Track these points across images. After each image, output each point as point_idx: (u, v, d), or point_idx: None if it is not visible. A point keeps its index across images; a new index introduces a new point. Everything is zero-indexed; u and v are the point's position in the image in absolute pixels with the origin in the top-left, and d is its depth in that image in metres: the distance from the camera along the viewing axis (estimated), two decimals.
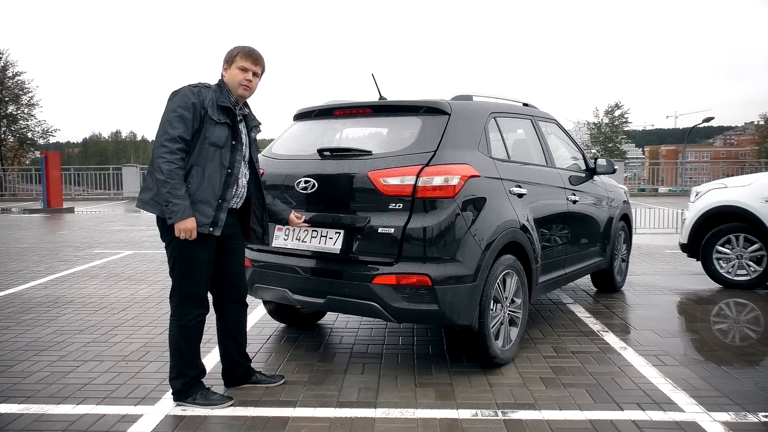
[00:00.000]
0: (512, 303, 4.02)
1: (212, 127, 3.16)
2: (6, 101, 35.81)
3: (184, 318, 3.24)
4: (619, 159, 33.79)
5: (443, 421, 3.09)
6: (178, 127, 3.06)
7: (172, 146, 3.03)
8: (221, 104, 3.20)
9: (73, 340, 4.51)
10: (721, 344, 4.44)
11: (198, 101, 3.12)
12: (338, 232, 3.73)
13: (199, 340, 3.34)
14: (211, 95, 3.19)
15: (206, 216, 3.14)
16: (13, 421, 3.11)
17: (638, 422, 3.07)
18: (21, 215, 16.53)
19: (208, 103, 3.16)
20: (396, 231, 3.52)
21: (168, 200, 3.01)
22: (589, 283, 6.37)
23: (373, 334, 4.66)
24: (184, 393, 3.28)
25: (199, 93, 3.15)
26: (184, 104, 3.09)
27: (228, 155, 3.22)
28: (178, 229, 3.06)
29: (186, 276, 3.21)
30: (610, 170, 5.59)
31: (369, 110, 4.16)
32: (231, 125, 3.25)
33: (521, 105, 5.05)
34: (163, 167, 3.00)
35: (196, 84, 3.22)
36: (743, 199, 6.24)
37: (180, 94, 3.13)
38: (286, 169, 4.04)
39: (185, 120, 3.08)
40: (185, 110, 3.09)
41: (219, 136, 3.18)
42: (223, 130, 3.20)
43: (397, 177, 3.57)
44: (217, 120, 3.17)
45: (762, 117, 62.85)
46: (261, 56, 3.33)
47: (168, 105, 3.13)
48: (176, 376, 3.29)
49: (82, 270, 7.53)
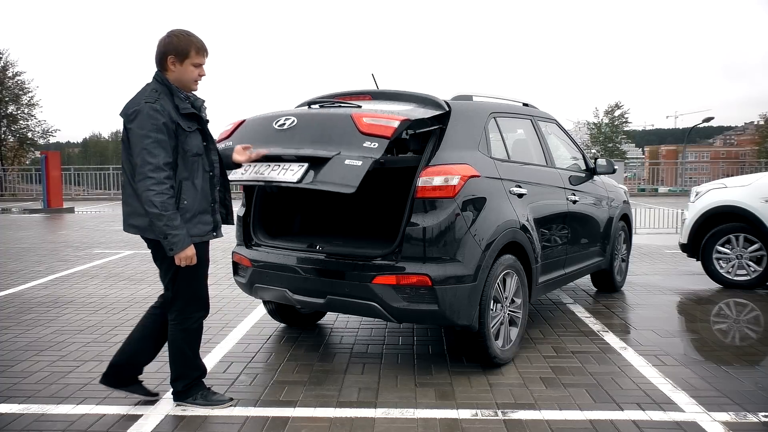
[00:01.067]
0: (512, 303, 4.02)
1: (187, 139, 3.04)
2: (6, 101, 35.80)
3: (187, 321, 3.22)
4: (619, 159, 33.80)
5: (443, 421, 3.09)
6: (159, 154, 2.91)
7: (159, 176, 2.90)
8: (185, 112, 3.05)
9: (73, 340, 4.51)
10: (721, 344, 4.44)
11: (167, 119, 2.95)
12: (302, 165, 3.50)
13: (200, 340, 3.34)
14: (169, 105, 3.01)
15: (208, 224, 3.15)
16: (13, 421, 3.11)
17: (638, 422, 3.07)
18: (21, 215, 16.53)
19: (174, 115, 3.00)
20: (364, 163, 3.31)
21: (166, 233, 2.93)
22: (589, 283, 6.37)
23: (373, 334, 4.66)
24: (185, 393, 3.28)
25: (162, 109, 2.96)
26: (155, 127, 2.91)
27: (207, 159, 3.16)
28: (179, 259, 3.01)
29: (190, 282, 3.17)
30: (610, 170, 5.60)
31: (368, 96, 4.25)
32: (201, 128, 3.15)
33: (521, 105, 5.05)
34: (155, 200, 2.89)
35: (150, 97, 2.99)
36: (743, 199, 6.23)
37: (144, 115, 2.92)
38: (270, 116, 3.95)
39: (162, 144, 2.92)
40: (159, 133, 2.92)
41: (196, 144, 3.09)
42: (197, 136, 3.11)
43: (381, 119, 3.46)
44: (188, 129, 3.05)
45: (762, 117, 62.79)
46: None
47: (135, 131, 2.92)
48: (177, 378, 3.28)
49: (82, 270, 7.53)
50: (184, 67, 3.07)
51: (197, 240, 3.09)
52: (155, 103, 2.96)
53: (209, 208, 3.16)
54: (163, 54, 3.06)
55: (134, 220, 3.10)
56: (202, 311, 3.28)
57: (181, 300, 3.20)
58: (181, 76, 3.08)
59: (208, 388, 3.35)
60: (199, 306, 3.25)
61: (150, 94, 3.01)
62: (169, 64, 3.06)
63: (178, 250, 2.97)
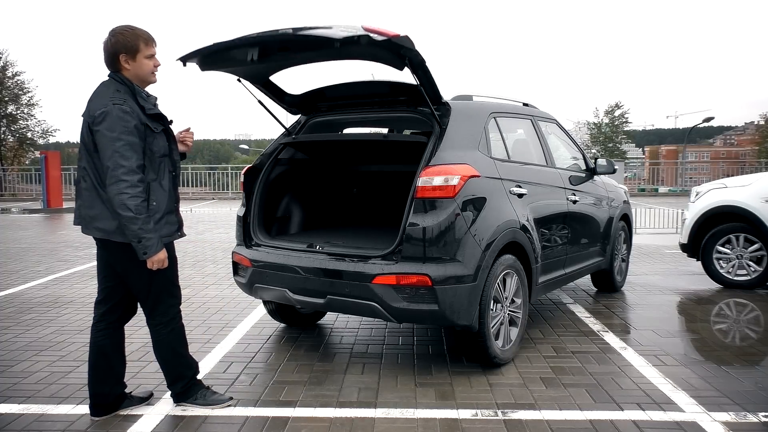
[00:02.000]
0: (512, 303, 4.02)
1: (155, 140, 3.01)
2: (6, 101, 35.77)
3: (172, 322, 3.22)
4: (619, 159, 33.83)
5: (443, 421, 3.09)
6: (131, 157, 2.86)
7: (132, 179, 2.85)
8: (151, 113, 3.02)
9: (73, 340, 4.50)
10: (721, 344, 4.44)
11: (137, 120, 2.91)
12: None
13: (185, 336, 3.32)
14: (135, 106, 2.96)
15: (174, 224, 3.13)
16: (13, 421, 3.12)
17: (638, 422, 3.07)
18: (21, 215, 16.53)
19: (142, 116, 2.96)
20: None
21: (140, 237, 2.89)
22: (589, 283, 6.37)
23: (373, 334, 4.66)
24: (184, 394, 3.28)
25: (132, 110, 2.91)
26: (126, 129, 2.86)
27: (170, 159, 3.14)
28: (152, 263, 2.97)
29: (167, 282, 3.16)
30: (610, 170, 5.60)
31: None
32: (165, 129, 3.12)
33: (521, 105, 5.05)
34: (129, 203, 2.84)
35: (118, 98, 2.92)
36: (743, 199, 6.23)
37: (114, 117, 2.86)
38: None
39: (134, 146, 2.88)
40: (130, 135, 2.87)
41: (163, 145, 3.07)
42: (163, 137, 3.08)
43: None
44: (155, 129, 3.02)
45: (762, 117, 62.70)
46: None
47: (105, 133, 2.85)
48: (175, 381, 3.28)
49: (82, 270, 7.53)
50: (138, 62, 3.01)
51: (166, 240, 3.06)
52: (124, 105, 2.90)
53: (174, 207, 3.14)
54: (113, 54, 2.99)
55: (101, 224, 3.00)
56: (179, 306, 3.26)
57: (163, 303, 3.17)
58: (138, 72, 3.02)
59: (208, 387, 3.35)
60: (176, 302, 3.24)
61: (114, 95, 2.93)
62: (122, 62, 2.99)
63: (152, 254, 2.94)
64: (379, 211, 5.17)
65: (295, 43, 3.48)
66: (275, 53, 3.50)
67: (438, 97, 3.82)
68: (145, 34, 3.04)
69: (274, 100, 4.43)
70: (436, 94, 3.78)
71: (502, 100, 4.78)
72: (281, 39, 3.44)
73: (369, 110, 4.36)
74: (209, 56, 3.64)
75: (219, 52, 3.60)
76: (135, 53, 2.98)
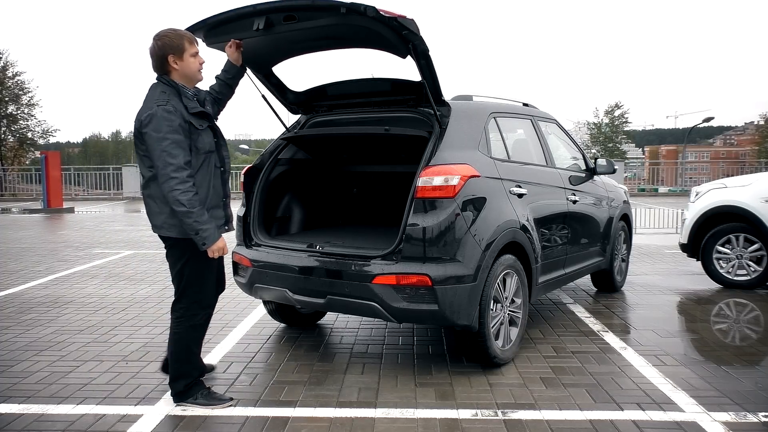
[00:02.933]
0: (512, 303, 4.02)
1: (199, 137, 3.14)
2: (6, 101, 35.77)
3: (194, 318, 3.27)
4: (619, 159, 33.80)
5: (443, 421, 3.09)
6: (178, 154, 2.99)
7: (181, 175, 2.99)
8: (195, 111, 3.13)
9: (73, 340, 4.51)
10: (721, 344, 4.44)
11: (180, 119, 3.04)
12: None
13: (203, 338, 3.39)
14: (179, 105, 3.08)
15: (220, 219, 3.28)
16: (13, 421, 3.12)
17: (638, 422, 3.07)
18: (21, 215, 16.52)
19: (186, 114, 3.08)
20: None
21: (196, 229, 3.03)
22: (589, 283, 6.37)
23: (373, 334, 4.66)
24: (185, 393, 3.29)
25: (175, 109, 3.03)
26: (171, 128, 2.99)
27: (218, 155, 3.26)
28: (212, 252, 3.11)
29: (199, 277, 3.24)
30: (610, 170, 5.60)
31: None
32: (211, 125, 3.25)
33: (521, 105, 5.05)
34: (182, 199, 2.98)
35: (162, 99, 3.06)
36: (743, 199, 6.23)
37: (159, 118, 2.99)
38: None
39: (181, 144, 3.01)
40: (176, 134, 3.00)
41: (208, 142, 3.19)
42: (208, 134, 3.21)
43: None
44: (199, 127, 3.14)
45: (762, 117, 62.72)
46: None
47: (151, 134, 2.99)
48: (178, 377, 3.30)
49: (82, 270, 7.53)
50: (185, 61, 3.15)
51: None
52: (167, 105, 3.03)
53: (221, 203, 3.28)
54: (162, 57, 3.12)
55: (154, 220, 3.22)
56: (209, 309, 3.36)
57: (189, 297, 3.25)
58: (186, 70, 3.17)
59: (209, 388, 3.36)
60: (205, 304, 3.32)
61: (159, 97, 3.07)
62: (171, 63, 3.13)
63: (210, 243, 3.08)
64: (379, 211, 5.17)
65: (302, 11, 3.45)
66: (281, 23, 3.49)
67: (440, 94, 3.82)
68: (187, 34, 3.21)
69: (277, 96, 4.43)
70: (438, 91, 3.78)
71: (502, 100, 4.78)
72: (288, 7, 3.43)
73: (369, 110, 4.36)
74: (215, 27, 3.62)
75: (225, 23, 3.59)
76: (182, 53, 3.13)
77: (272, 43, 3.83)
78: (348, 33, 3.62)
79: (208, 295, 3.32)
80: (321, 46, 4.07)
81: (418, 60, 3.54)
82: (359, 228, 5.05)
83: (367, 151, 4.86)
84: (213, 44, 3.71)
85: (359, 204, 5.29)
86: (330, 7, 3.31)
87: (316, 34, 3.68)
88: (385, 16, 3.21)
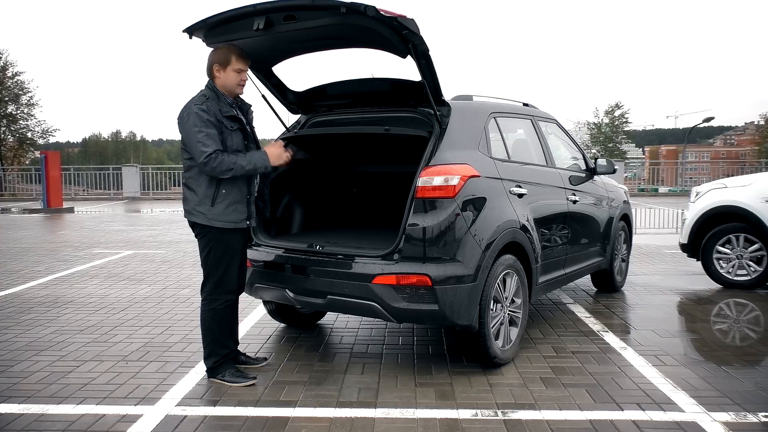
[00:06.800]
0: (512, 303, 4.02)
1: (229, 137, 3.46)
2: (6, 101, 35.77)
3: (214, 302, 3.56)
4: (619, 159, 33.78)
5: (443, 421, 3.09)
6: (210, 144, 3.33)
7: (216, 156, 3.32)
8: (227, 114, 3.46)
9: (73, 340, 4.51)
10: (721, 344, 4.44)
11: (213, 117, 3.38)
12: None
13: (230, 321, 3.66)
14: (215, 107, 3.42)
15: (242, 213, 3.54)
16: (13, 421, 3.11)
17: (638, 422, 3.07)
18: (21, 215, 16.53)
19: (219, 116, 3.41)
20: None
21: (254, 168, 3.46)
22: (589, 283, 6.37)
23: (373, 334, 4.66)
24: (215, 370, 3.60)
25: (209, 109, 3.38)
26: (204, 123, 3.35)
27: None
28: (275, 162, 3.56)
29: (219, 264, 3.52)
30: (610, 170, 5.60)
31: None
32: (242, 128, 3.53)
33: (521, 105, 5.05)
34: (223, 168, 3.34)
35: (199, 100, 3.43)
36: (743, 199, 6.23)
37: (194, 115, 3.36)
38: None
39: (212, 136, 3.35)
40: (207, 128, 3.35)
41: (237, 142, 3.50)
42: (238, 135, 3.51)
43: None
44: (230, 128, 3.46)
45: (762, 117, 62.72)
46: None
47: (188, 128, 3.37)
48: (208, 355, 3.61)
49: (82, 270, 7.53)
50: (227, 73, 3.49)
51: (231, 226, 3.49)
52: (202, 105, 3.40)
53: (244, 199, 3.55)
54: (210, 64, 3.51)
55: (186, 205, 3.54)
56: (230, 295, 3.59)
57: (211, 282, 3.56)
58: (225, 81, 3.50)
59: (237, 367, 3.66)
60: (226, 290, 3.57)
61: (199, 99, 3.46)
62: (215, 72, 3.50)
63: (269, 164, 3.52)
64: (379, 211, 5.17)
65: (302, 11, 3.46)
66: (281, 23, 3.50)
67: (440, 94, 3.82)
68: (238, 50, 3.51)
69: (276, 96, 4.43)
70: (438, 91, 3.78)
71: (502, 100, 4.78)
72: (288, 6, 3.45)
73: (369, 110, 4.36)
74: (215, 27, 3.67)
75: (225, 23, 3.64)
76: (226, 65, 3.49)
77: (272, 43, 3.84)
78: (348, 33, 3.63)
79: (229, 280, 3.57)
80: (321, 46, 4.07)
81: (418, 60, 3.54)
82: (359, 228, 5.05)
83: (368, 151, 4.86)
84: (213, 44, 3.71)
85: (359, 204, 5.29)
86: (330, 7, 3.32)
87: (316, 33, 3.68)
88: (385, 16, 3.23)
